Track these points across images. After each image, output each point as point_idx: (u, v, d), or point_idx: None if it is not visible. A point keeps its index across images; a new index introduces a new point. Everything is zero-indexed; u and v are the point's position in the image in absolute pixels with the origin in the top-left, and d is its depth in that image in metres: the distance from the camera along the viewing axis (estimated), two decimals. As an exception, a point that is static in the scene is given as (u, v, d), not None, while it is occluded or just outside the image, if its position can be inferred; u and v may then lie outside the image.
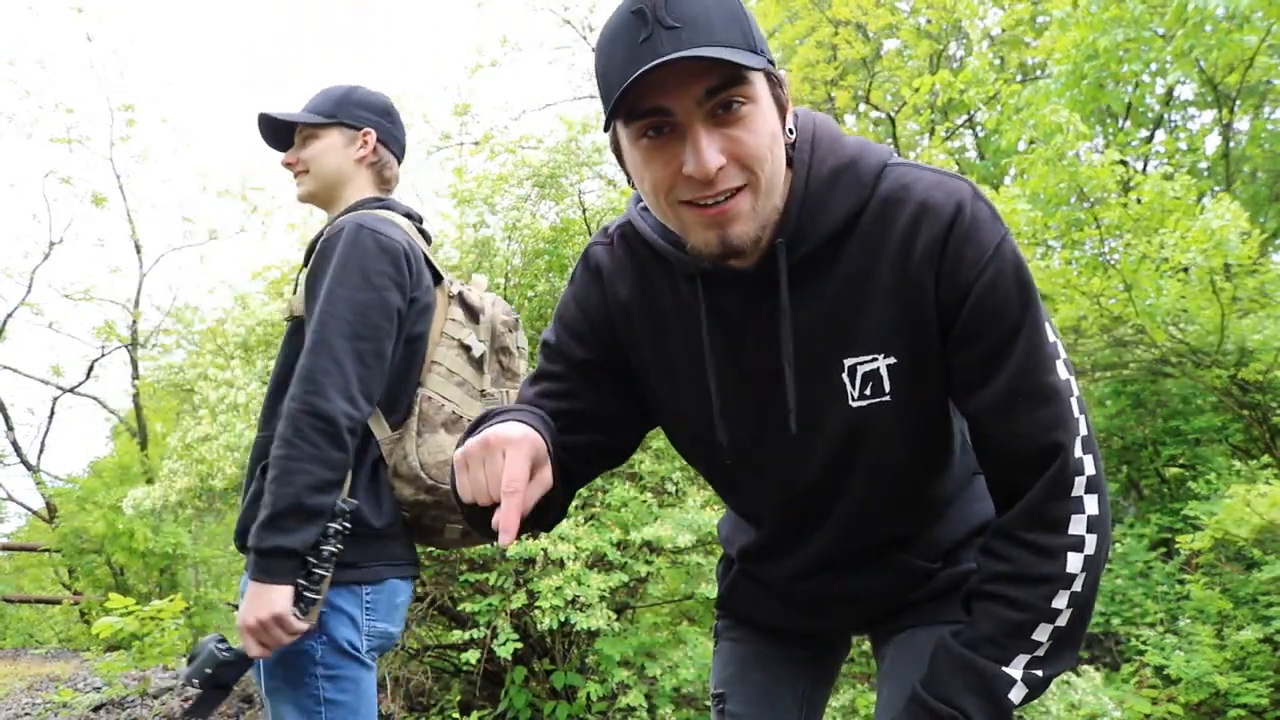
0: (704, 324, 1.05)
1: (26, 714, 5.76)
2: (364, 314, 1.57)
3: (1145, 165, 8.55)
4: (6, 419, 11.57)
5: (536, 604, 3.75)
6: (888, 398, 1.02)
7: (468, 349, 1.75)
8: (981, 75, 7.44)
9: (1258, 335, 5.51)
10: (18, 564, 13.58)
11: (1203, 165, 8.83)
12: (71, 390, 12.11)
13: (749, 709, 1.33)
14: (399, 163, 1.90)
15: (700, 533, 3.85)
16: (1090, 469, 0.98)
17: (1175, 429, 6.72)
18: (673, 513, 4.00)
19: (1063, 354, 1.00)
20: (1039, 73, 10.19)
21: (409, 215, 1.81)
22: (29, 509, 12.32)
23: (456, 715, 4.20)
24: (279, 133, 1.88)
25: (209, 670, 1.54)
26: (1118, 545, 6.21)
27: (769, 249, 1.00)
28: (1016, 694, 0.98)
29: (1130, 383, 6.85)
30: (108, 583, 9.74)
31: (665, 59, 0.84)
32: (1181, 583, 5.70)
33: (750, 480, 1.17)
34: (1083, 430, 0.99)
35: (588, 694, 4.00)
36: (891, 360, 1.01)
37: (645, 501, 4.06)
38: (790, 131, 0.99)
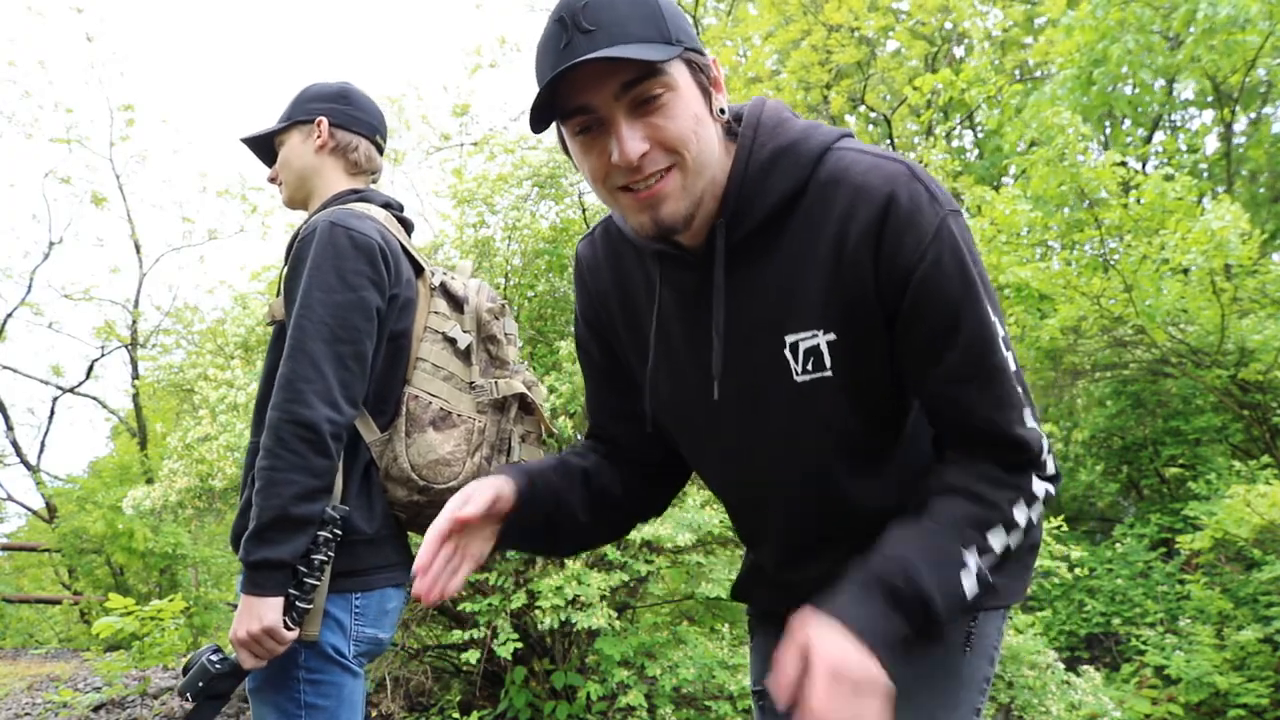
0: (657, 299, 1.13)
1: (26, 714, 5.76)
2: (342, 316, 1.53)
3: (1145, 165, 8.55)
4: (6, 419, 11.57)
5: (537, 604, 3.74)
6: (829, 373, 1.05)
7: (452, 341, 1.70)
8: (984, 74, 7.45)
9: (1258, 335, 5.51)
10: (18, 564, 13.59)
11: (1202, 167, 8.82)
12: (71, 390, 12.11)
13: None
14: (373, 143, 1.85)
15: (700, 533, 3.85)
16: (1036, 445, 1.03)
17: (1175, 429, 6.72)
18: (673, 513, 3.99)
19: (1003, 333, 1.03)
20: (1038, 73, 10.19)
21: (387, 205, 1.77)
22: (29, 509, 12.32)
23: (456, 715, 4.20)
24: (266, 150, 1.87)
25: (201, 684, 1.53)
26: (1118, 545, 6.21)
27: (713, 228, 1.05)
28: (967, 581, 0.99)
29: (1130, 383, 6.86)
30: (108, 583, 9.74)
31: (575, 61, 0.92)
32: (1182, 583, 5.70)
33: (714, 461, 1.23)
34: (1025, 407, 1.03)
35: (588, 694, 4.00)
36: (831, 336, 1.04)
37: (645, 501, 4.06)
38: (721, 111, 1.04)
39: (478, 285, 1.80)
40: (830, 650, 0.89)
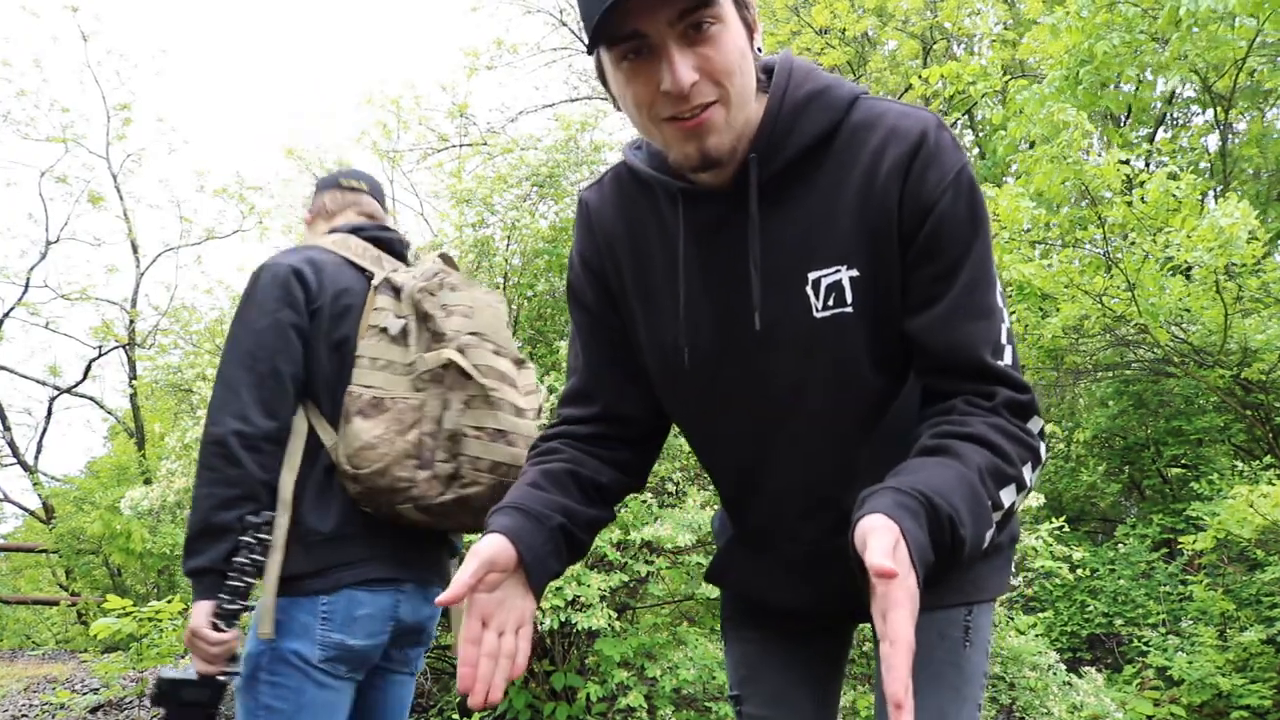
0: (680, 237, 1.13)
1: (24, 715, 5.74)
2: (257, 337, 1.67)
3: (1147, 164, 8.55)
4: (3, 419, 11.55)
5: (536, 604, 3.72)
6: (849, 308, 1.07)
7: (385, 330, 1.74)
8: (990, 70, 7.43)
9: (1261, 335, 5.49)
10: (15, 565, 13.57)
11: (1204, 165, 8.82)
12: (69, 390, 12.08)
13: (766, 710, 1.34)
14: (373, 194, 2.03)
15: (700, 533, 3.83)
16: (1032, 393, 1.04)
17: (1177, 429, 6.71)
18: (673, 513, 3.98)
19: (999, 286, 1.08)
20: (1026, 70, 10.18)
21: (355, 230, 1.88)
22: (26, 509, 12.29)
23: (456, 716, 4.18)
24: None
25: (161, 691, 1.63)
26: (1120, 545, 6.19)
27: (743, 164, 1.07)
28: (989, 532, 0.98)
29: (1133, 383, 6.84)
30: (105, 583, 9.72)
31: None
32: (1184, 583, 5.69)
33: (718, 407, 1.19)
34: (1008, 359, 1.05)
35: (587, 695, 3.99)
36: (854, 272, 1.06)
37: (645, 501, 4.05)
38: (758, 49, 1.06)
39: (420, 268, 1.84)
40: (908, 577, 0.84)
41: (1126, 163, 5.77)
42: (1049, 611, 5.82)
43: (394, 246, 1.91)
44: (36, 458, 11.86)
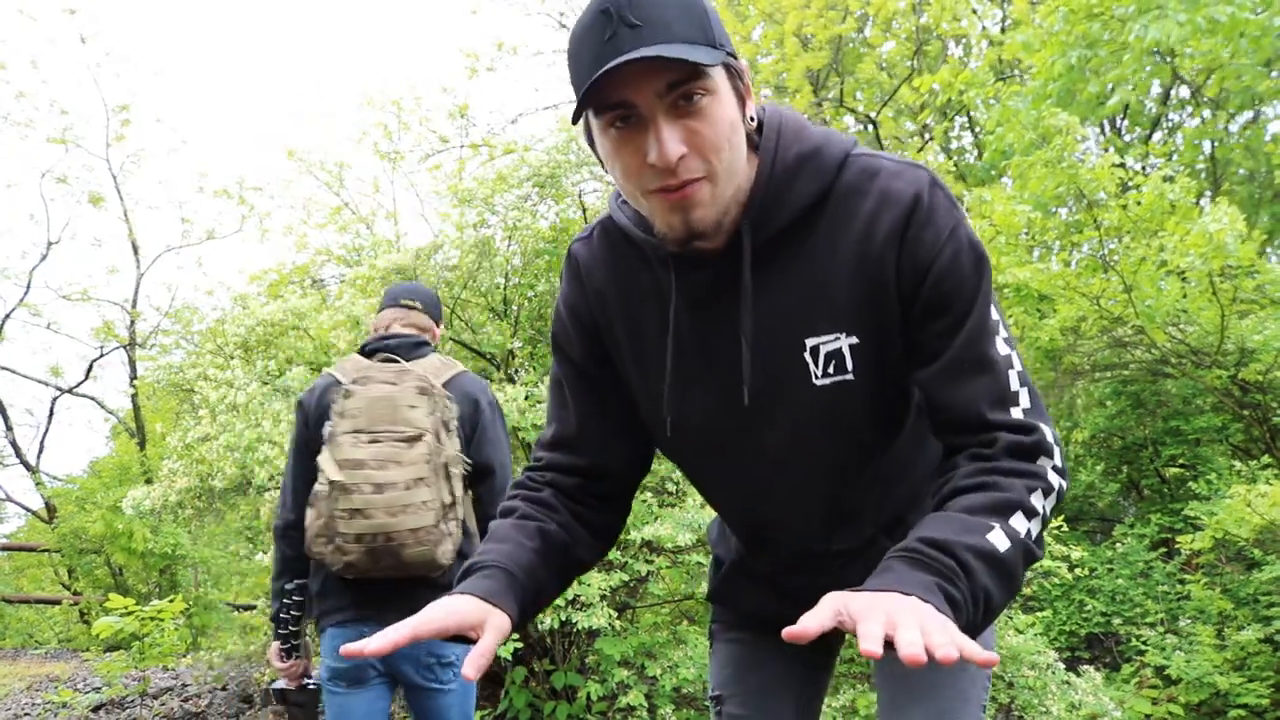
0: (672, 302, 1.11)
1: (26, 714, 5.75)
2: (288, 456, 2.38)
3: (1142, 167, 8.57)
4: (5, 419, 11.56)
5: (537, 604, 3.73)
6: (850, 375, 1.07)
7: (326, 436, 2.23)
8: (980, 75, 7.47)
9: (1258, 335, 5.51)
10: (17, 564, 13.58)
11: (1200, 167, 8.83)
12: (70, 391, 12.10)
13: (747, 710, 1.35)
14: (394, 305, 2.49)
15: (700, 532, 3.85)
16: (1043, 434, 1.01)
17: (1175, 429, 6.72)
18: (673, 512, 3.99)
19: (1005, 332, 1.06)
20: (1014, 71, 10.19)
21: (362, 348, 2.38)
22: (28, 509, 12.31)
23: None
24: None
25: (272, 697, 2.40)
26: (1118, 545, 6.21)
27: (735, 231, 1.05)
28: (995, 538, 0.93)
29: (1130, 383, 6.85)
30: (107, 583, 9.74)
31: (627, 57, 0.91)
32: (1182, 583, 5.70)
33: (717, 467, 1.21)
34: (1024, 403, 1.03)
35: (588, 694, 4.00)
36: (854, 340, 1.06)
37: (645, 501, 4.06)
38: (751, 119, 1.05)
39: (347, 382, 2.26)
40: (896, 600, 0.81)
41: (1122, 165, 5.78)
42: (1047, 611, 5.83)
43: (396, 350, 2.34)
44: (38, 458, 11.88)
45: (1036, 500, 0.98)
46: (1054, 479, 1.00)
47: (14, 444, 11.51)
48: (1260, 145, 8.41)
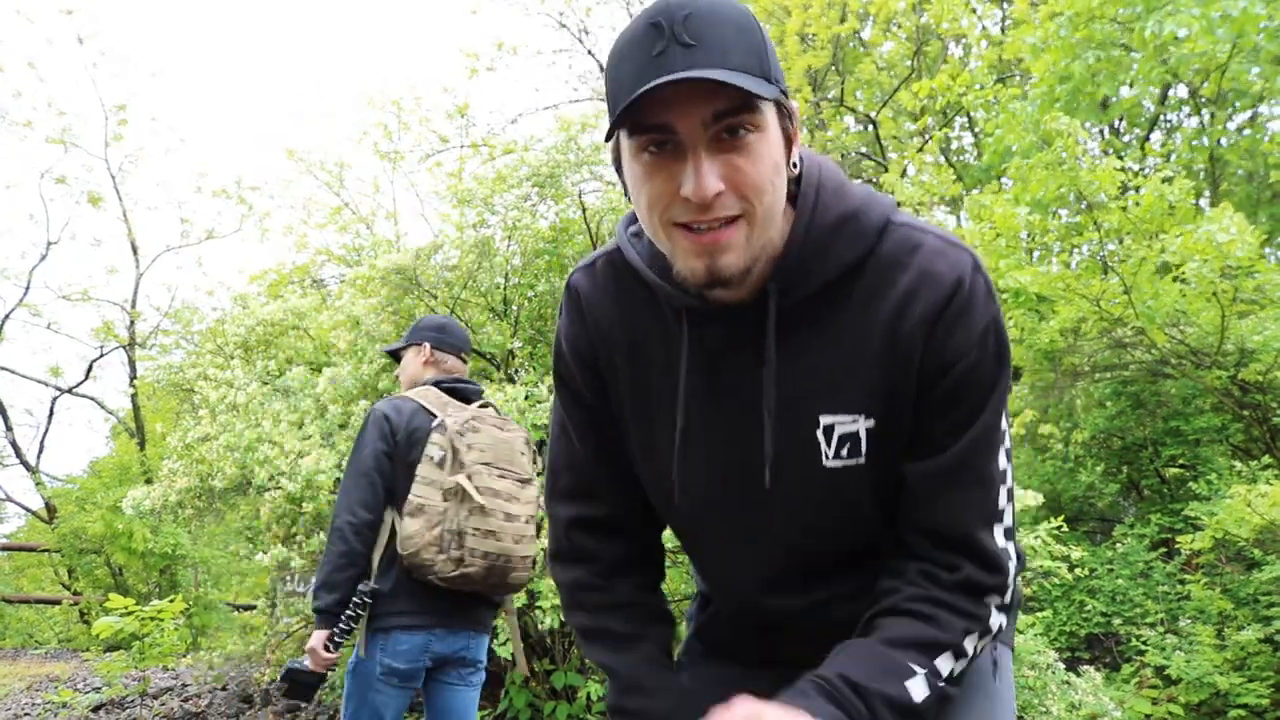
0: (684, 355, 1.02)
1: (26, 714, 5.75)
2: (361, 461, 2.50)
3: (1141, 168, 8.58)
4: (5, 420, 11.57)
5: (537, 604, 3.74)
6: (862, 460, 1.00)
7: (431, 457, 2.48)
8: (979, 77, 7.47)
9: (1258, 336, 5.51)
10: (17, 564, 13.58)
11: (1198, 167, 8.83)
12: (70, 391, 12.12)
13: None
14: (458, 354, 2.77)
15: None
16: (1005, 566, 1.00)
17: (1175, 429, 6.72)
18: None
19: (1008, 441, 1.02)
20: (1014, 72, 10.20)
21: (436, 383, 2.66)
22: (28, 509, 12.32)
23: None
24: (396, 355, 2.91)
25: (284, 674, 2.52)
26: (1118, 545, 6.21)
27: (760, 287, 0.97)
28: (914, 686, 0.95)
29: (1130, 383, 6.85)
30: (107, 583, 9.75)
31: (676, 76, 0.82)
32: (1182, 583, 5.70)
33: (713, 533, 1.13)
34: (1007, 521, 1.01)
35: (588, 694, 4.00)
36: (870, 423, 0.99)
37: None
38: (794, 165, 0.96)
39: (463, 416, 2.53)
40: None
41: (1122, 169, 5.78)
42: (1047, 611, 5.83)
43: (465, 394, 2.68)
44: (38, 458, 11.90)
45: (969, 643, 0.98)
46: (995, 620, 1.00)
47: (14, 444, 11.53)
48: (1259, 146, 8.41)
